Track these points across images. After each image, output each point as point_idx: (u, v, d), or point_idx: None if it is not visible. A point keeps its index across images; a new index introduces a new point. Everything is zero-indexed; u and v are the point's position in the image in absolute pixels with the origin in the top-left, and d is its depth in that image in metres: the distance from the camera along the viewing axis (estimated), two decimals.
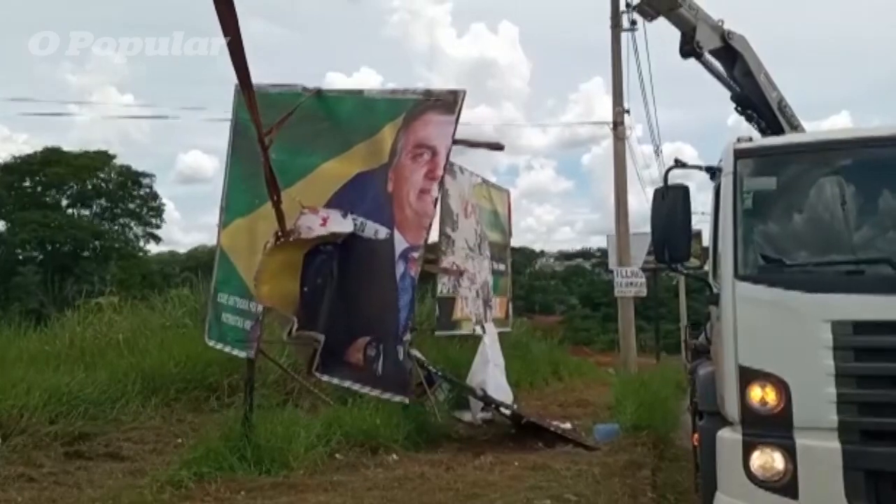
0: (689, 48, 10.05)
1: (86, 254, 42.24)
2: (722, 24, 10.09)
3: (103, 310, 10.97)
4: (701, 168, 5.03)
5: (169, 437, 7.31)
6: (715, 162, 4.71)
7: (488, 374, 9.05)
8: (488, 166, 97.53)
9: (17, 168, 42.05)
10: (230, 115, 7.48)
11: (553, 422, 8.89)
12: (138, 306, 11.90)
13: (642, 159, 62.52)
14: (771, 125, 9.99)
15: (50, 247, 41.47)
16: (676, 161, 4.95)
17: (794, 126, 10.14)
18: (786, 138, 6.38)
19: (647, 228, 4.58)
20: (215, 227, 7.48)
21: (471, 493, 5.70)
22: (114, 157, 44.95)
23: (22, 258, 41.63)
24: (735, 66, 10.14)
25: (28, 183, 43.03)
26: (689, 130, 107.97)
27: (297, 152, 6.70)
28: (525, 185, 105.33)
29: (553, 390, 13.26)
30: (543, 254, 76.15)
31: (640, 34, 16.41)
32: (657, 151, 21.12)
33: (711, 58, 10.31)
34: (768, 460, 3.75)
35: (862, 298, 3.76)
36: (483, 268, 11.11)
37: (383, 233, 6.40)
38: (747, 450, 3.80)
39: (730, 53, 10.13)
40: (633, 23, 16.29)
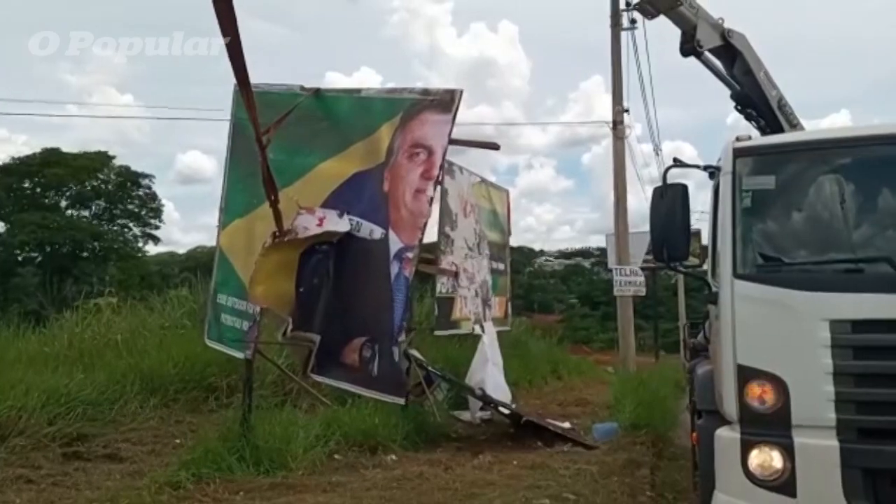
0: (690, 46, 10.05)
1: (85, 255, 42.21)
2: (722, 22, 10.09)
3: (102, 311, 10.95)
4: (700, 167, 5.02)
5: (167, 437, 7.29)
6: (714, 161, 4.71)
7: (487, 373, 9.05)
8: (487, 166, 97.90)
9: (16, 169, 42.02)
10: (229, 115, 7.50)
11: (552, 421, 8.88)
12: (137, 307, 11.87)
13: (642, 158, 62.64)
14: (770, 124, 9.98)
15: (49, 248, 41.44)
16: (675, 160, 4.95)
17: (794, 125, 10.13)
18: (785, 137, 6.36)
19: (647, 227, 4.57)
20: (214, 228, 7.50)
21: (469, 492, 5.69)
22: (113, 157, 45.03)
23: (21, 259, 41.62)
24: (735, 64, 10.13)
25: (27, 184, 43.00)
26: (689, 129, 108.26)
27: (295, 152, 6.68)
28: (524, 185, 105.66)
29: (552, 389, 13.24)
30: (543, 253, 76.35)
31: (639, 33, 16.47)
32: (656, 150, 21.17)
33: (711, 56, 10.31)
34: (767, 459, 3.74)
35: (860, 297, 3.76)
36: (482, 267, 11.10)
37: (378, 233, 6.36)
38: (746, 448, 3.80)
39: (729, 52, 10.12)
40: (633, 22, 16.33)
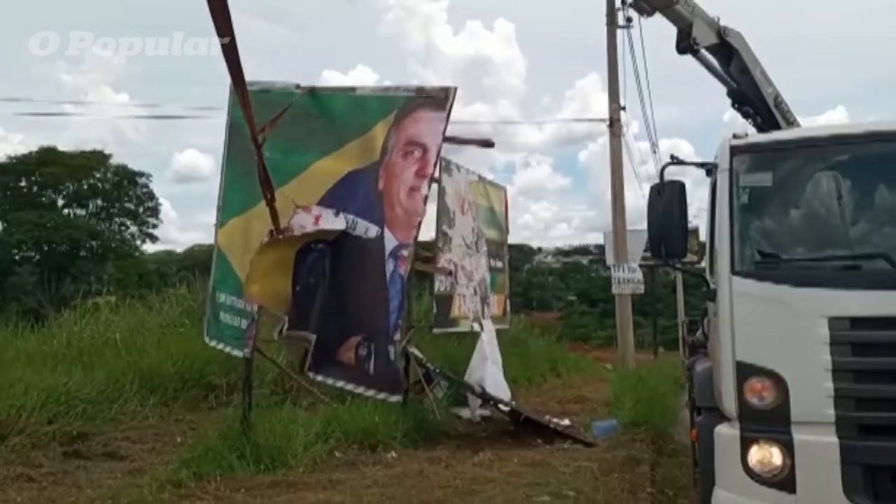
0: (686, 44, 10.06)
1: (82, 254, 42.17)
2: (718, 20, 10.11)
3: (100, 309, 10.98)
4: (697, 164, 5.04)
5: (167, 436, 7.31)
6: (711, 158, 4.72)
7: (486, 371, 9.06)
8: (485, 163, 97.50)
9: (13, 168, 41.95)
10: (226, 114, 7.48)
11: (551, 418, 8.90)
12: (135, 306, 11.91)
13: (639, 156, 62.43)
14: (767, 121, 10.00)
15: (46, 247, 41.37)
16: (672, 157, 4.96)
17: (790, 122, 10.16)
18: (781, 134, 6.36)
19: (644, 225, 4.58)
20: (212, 226, 7.50)
21: (469, 489, 5.70)
22: (109, 156, 45.00)
23: (18, 258, 41.50)
24: (731, 62, 10.14)
25: (24, 183, 42.92)
26: (686, 127, 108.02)
27: (291, 151, 6.65)
28: (522, 182, 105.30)
29: (551, 387, 13.27)
30: (541, 250, 76.23)
31: (635, 31, 16.46)
32: (653, 148, 21.23)
33: (708, 54, 10.32)
34: (766, 455, 3.75)
35: (859, 294, 3.77)
36: (480, 265, 11.11)
37: (374, 231, 6.31)
38: (745, 445, 3.80)
39: (726, 50, 10.14)
40: (629, 20, 16.34)
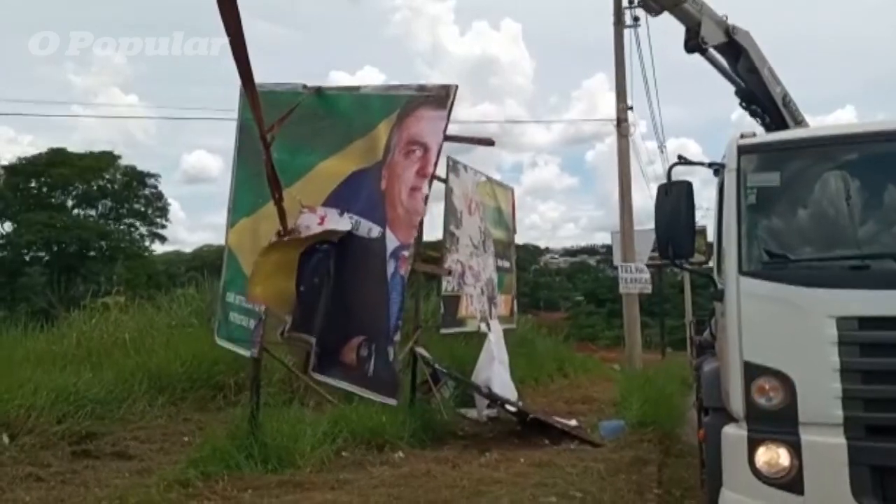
0: (694, 43, 10.03)
1: (92, 254, 42.38)
2: (726, 19, 10.07)
3: (110, 310, 11.02)
4: (704, 164, 5.02)
5: (176, 435, 7.34)
6: (719, 158, 4.70)
7: (493, 371, 9.06)
8: (492, 164, 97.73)
9: (23, 169, 42.23)
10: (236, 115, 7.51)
11: (558, 418, 8.89)
12: (144, 306, 11.96)
13: (646, 155, 62.24)
14: (775, 120, 9.97)
15: (56, 247, 41.64)
16: (680, 157, 4.94)
17: (798, 121, 10.12)
18: (789, 133, 6.34)
19: (652, 225, 4.57)
20: (220, 227, 7.53)
21: (476, 490, 5.70)
22: (119, 157, 45.23)
23: (28, 259, 41.78)
24: (739, 61, 10.11)
25: (33, 184, 43.20)
26: (693, 126, 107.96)
27: (298, 151, 6.64)
28: (529, 183, 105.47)
29: (558, 387, 13.26)
30: (548, 251, 76.23)
31: (642, 30, 16.46)
32: (661, 147, 21.17)
33: (716, 53, 10.29)
34: (773, 456, 3.73)
35: (867, 294, 3.75)
36: (487, 265, 11.10)
37: (376, 231, 6.28)
38: (752, 446, 3.78)
39: (734, 49, 10.10)
40: (636, 19, 16.37)
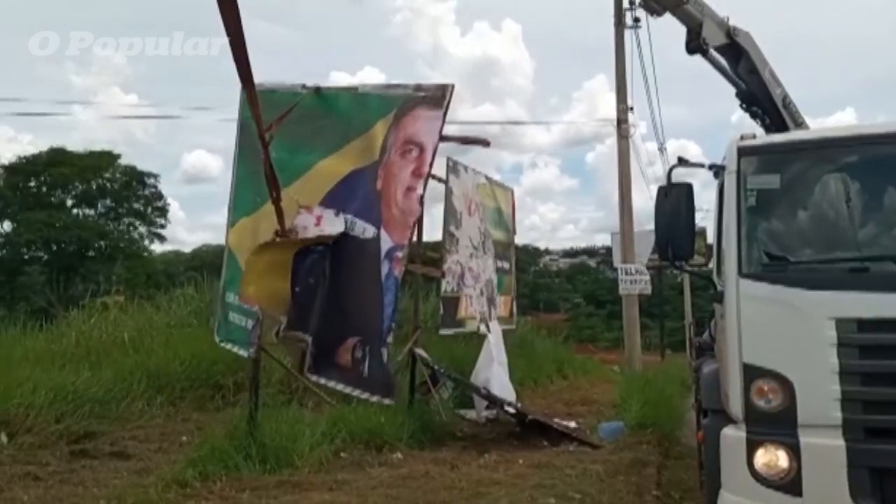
0: (695, 45, 10.03)
1: (91, 253, 42.41)
2: (727, 20, 10.08)
3: (109, 309, 11.02)
4: (704, 166, 5.02)
5: (174, 435, 7.33)
6: (719, 159, 4.70)
7: (493, 372, 9.05)
8: (492, 164, 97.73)
9: (23, 168, 42.28)
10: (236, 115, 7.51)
11: (558, 420, 8.88)
12: (143, 305, 11.95)
13: (646, 157, 62.40)
14: (775, 122, 9.97)
15: (55, 246, 41.67)
16: (680, 159, 4.95)
17: (799, 123, 10.12)
18: (789, 135, 6.34)
19: (652, 226, 4.57)
20: (220, 227, 7.54)
21: (475, 491, 5.69)
22: (118, 157, 45.31)
23: (27, 258, 41.80)
24: (740, 62, 10.11)
25: (33, 183, 43.26)
26: (694, 128, 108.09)
27: (297, 150, 6.64)
28: (529, 183, 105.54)
29: (558, 388, 13.24)
30: (548, 252, 76.25)
31: (643, 32, 16.44)
32: (661, 149, 21.16)
33: (717, 54, 10.29)
34: (772, 458, 3.74)
35: (866, 296, 3.75)
36: (487, 266, 11.10)
37: (371, 232, 6.28)
38: (751, 447, 3.79)
39: (734, 50, 10.11)
40: (637, 20, 16.35)
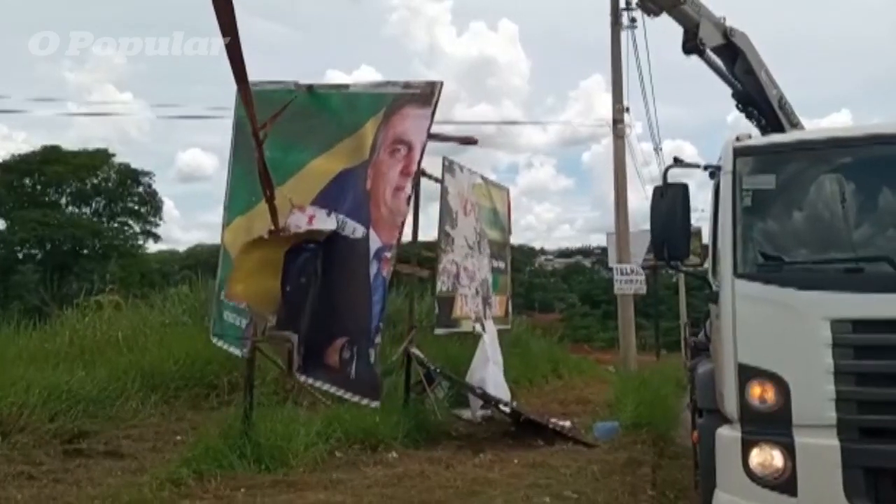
0: (692, 45, 10.04)
1: (85, 252, 42.24)
2: (724, 20, 10.09)
3: (103, 308, 10.98)
4: (700, 166, 5.03)
5: (168, 434, 7.31)
6: (714, 160, 4.71)
7: (488, 372, 9.05)
8: (488, 164, 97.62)
9: (17, 167, 42.04)
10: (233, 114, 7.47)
11: (553, 419, 8.90)
12: (138, 304, 11.92)
13: (642, 157, 62.60)
14: (771, 123, 9.99)
15: (49, 245, 41.46)
16: (676, 159, 4.95)
17: (794, 124, 10.14)
18: (785, 136, 6.35)
19: (647, 226, 4.57)
20: (214, 226, 7.58)
21: (470, 490, 5.70)
22: (113, 155, 45.04)
23: (21, 256, 41.66)
24: (736, 63, 10.13)
25: (27, 181, 43.03)
26: (689, 128, 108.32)
27: (290, 149, 6.61)
28: (525, 183, 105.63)
29: (553, 388, 13.25)
30: (543, 252, 76.30)
31: (639, 32, 16.49)
32: (657, 149, 21.22)
33: (713, 55, 10.31)
34: (767, 458, 3.75)
35: (861, 297, 3.77)
36: (482, 266, 11.09)
37: (360, 231, 6.25)
38: (746, 447, 3.80)
39: (731, 50, 10.12)
40: (633, 20, 16.40)
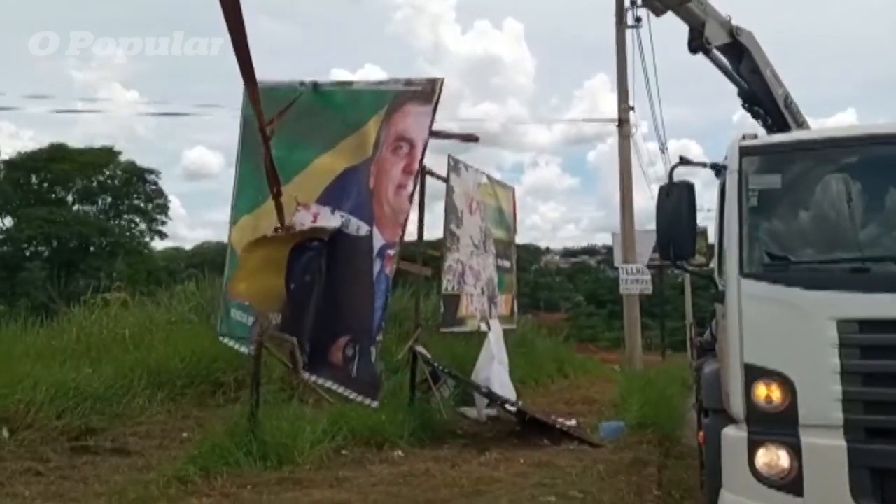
0: (698, 44, 10.01)
1: (92, 250, 42.44)
2: (730, 19, 10.07)
3: (109, 305, 11.00)
4: (706, 165, 5.02)
5: (175, 432, 7.33)
6: (720, 159, 4.70)
7: (493, 371, 9.06)
8: (493, 163, 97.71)
9: (23, 164, 42.26)
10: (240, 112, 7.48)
11: (558, 419, 8.90)
12: (144, 302, 11.93)
13: (648, 156, 62.49)
14: (777, 122, 9.96)
15: (56, 242, 41.67)
16: (681, 158, 4.94)
17: (800, 123, 10.11)
18: (791, 135, 6.33)
19: (653, 226, 4.57)
20: (220, 224, 7.62)
21: (476, 489, 5.70)
22: (119, 153, 45.30)
23: (28, 254, 41.86)
24: (742, 62, 10.11)
25: (34, 179, 43.24)
26: (695, 127, 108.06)
27: (295, 147, 6.62)
28: (530, 182, 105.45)
29: (558, 387, 13.25)
30: (549, 251, 76.23)
31: (644, 31, 16.43)
32: (662, 148, 21.16)
33: (719, 54, 10.28)
34: (773, 458, 3.74)
35: (867, 296, 3.75)
36: (488, 265, 11.09)
37: (364, 229, 6.26)
38: (752, 447, 3.79)
39: (737, 49, 10.10)
40: (638, 19, 16.34)
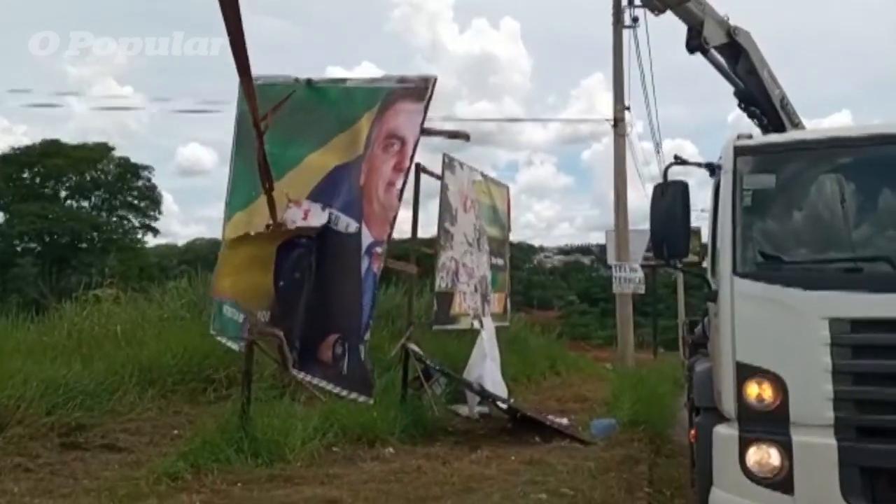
0: (696, 43, 10.02)
1: (84, 245, 42.27)
2: (727, 19, 10.08)
3: (101, 301, 10.94)
4: (700, 165, 5.03)
5: (166, 428, 7.30)
6: (715, 159, 4.71)
7: (486, 368, 9.06)
8: (488, 161, 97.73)
9: (16, 159, 42.10)
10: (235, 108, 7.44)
11: (550, 416, 8.91)
12: (136, 298, 11.88)
13: (642, 156, 62.61)
14: (773, 122, 10.00)
15: (48, 238, 41.53)
16: (676, 158, 4.96)
17: (795, 123, 10.15)
18: (785, 136, 6.34)
19: (647, 225, 4.57)
20: (213, 220, 7.56)
21: (467, 486, 5.69)
22: (112, 149, 45.19)
23: (20, 249, 41.67)
24: (739, 62, 10.13)
25: (26, 174, 43.08)
26: (690, 127, 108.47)
27: (289, 143, 6.59)
28: (525, 181, 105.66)
29: (551, 385, 13.27)
30: (542, 249, 76.38)
31: (641, 31, 16.48)
32: (657, 148, 21.20)
33: (716, 54, 10.30)
34: (764, 456, 3.75)
35: (860, 296, 3.77)
36: (482, 263, 11.09)
37: (353, 227, 6.23)
38: (743, 446, 3.80)
39: (734, 49, 10.12)
40: (635, 19, 16.40)
